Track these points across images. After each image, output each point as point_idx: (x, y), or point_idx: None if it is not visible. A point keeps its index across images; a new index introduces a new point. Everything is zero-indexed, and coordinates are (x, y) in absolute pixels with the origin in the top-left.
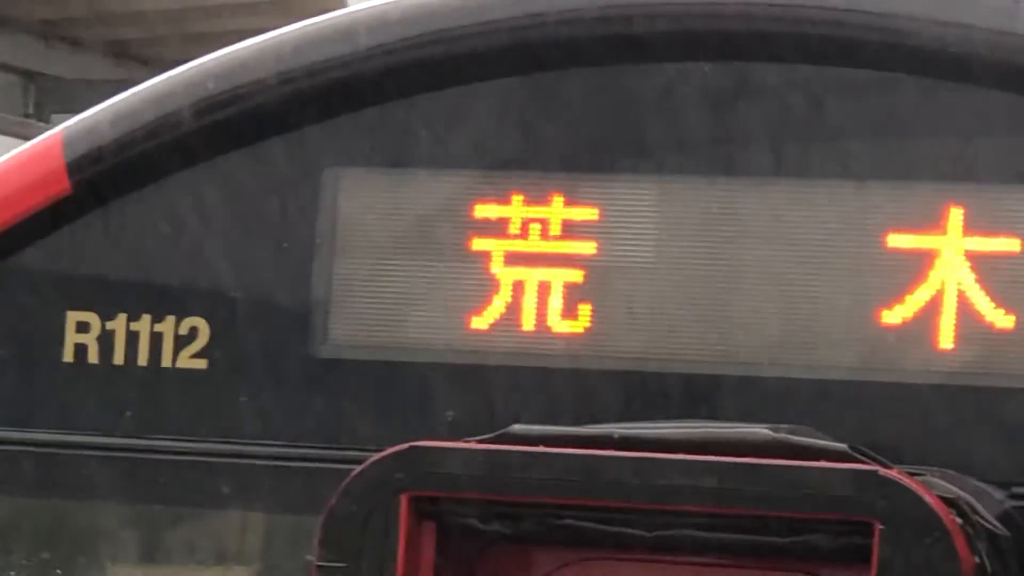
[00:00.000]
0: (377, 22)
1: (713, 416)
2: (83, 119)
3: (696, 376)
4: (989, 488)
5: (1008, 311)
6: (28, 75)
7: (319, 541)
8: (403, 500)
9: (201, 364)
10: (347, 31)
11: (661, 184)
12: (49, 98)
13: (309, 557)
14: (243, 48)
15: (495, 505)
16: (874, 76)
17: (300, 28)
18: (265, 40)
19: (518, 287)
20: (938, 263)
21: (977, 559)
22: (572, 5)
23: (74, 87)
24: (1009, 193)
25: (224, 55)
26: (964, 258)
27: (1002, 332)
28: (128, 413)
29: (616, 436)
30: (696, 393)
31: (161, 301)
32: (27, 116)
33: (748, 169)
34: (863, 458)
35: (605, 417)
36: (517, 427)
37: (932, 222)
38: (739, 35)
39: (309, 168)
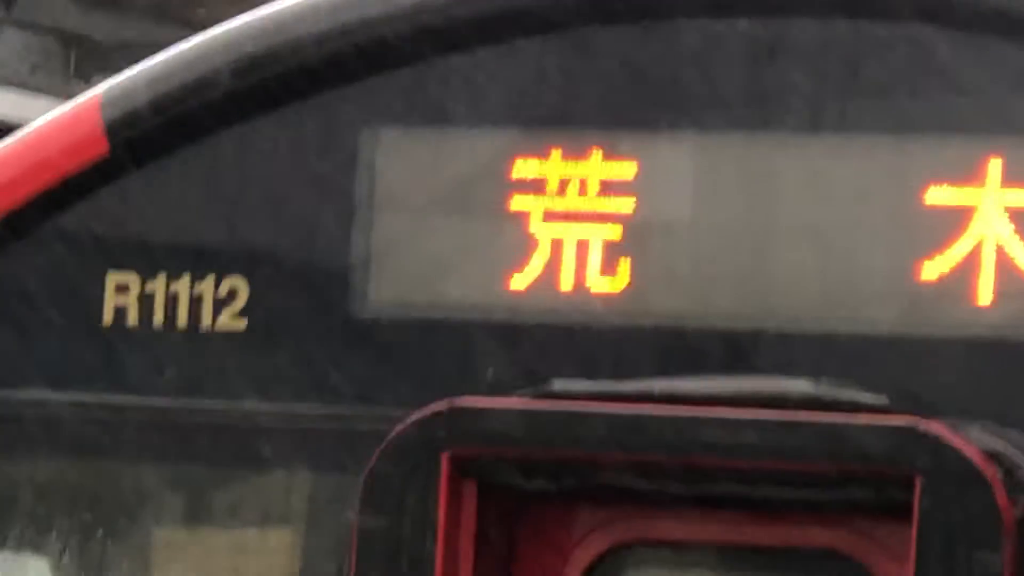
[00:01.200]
0: None
1: (753, 372)
2: (121, 81)
3: (736, 332)
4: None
5: None
6: (69, 39)
7: (360, 500)
8: (444, 459)
9: (241, 325)
10: None
11: (699, 140)
12: (90, 62)
13: (351, 516)
14: (281, 9)
15: (536, 463)
16: (911, 31)
17: None
18: (303, 1)
19: (557, 245)
20: (976, 217)
21: (1019, 512)
22: None
23: (115, 50)
24: None
25: (262, 16)
26: (1003, 212)
27: None
28: (168, 374)
29: (656, 392)
30: (736, 349)
31: (201, 261)
32: (70, 80)
33: (786, 125)
34: (904, 412)
35: (644, 373)
36: (557, 384)
37: (971, 176)
38: None
39: (348, 128)
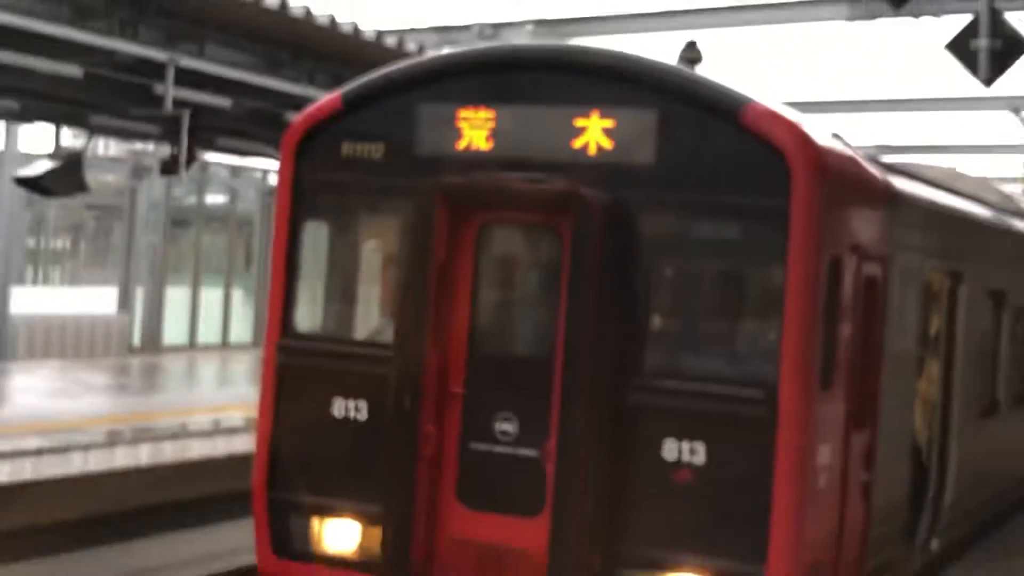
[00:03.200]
0: None
1: (528, 170)
2: (353, 82)
3: (524, 158)
4: (600, 192)
5: (611, 141)
6: None
7: (415, 210)
8: (437, 196)
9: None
10: None
11: (511, 105)
12: None
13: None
14: (409, 63)
15: (465, 192)
16: (567, 76)
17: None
18: (416, 60)
19: (470, 135)
20: (589, 129)
21: (575, 221)
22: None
23: None
24: (613, 107)
25: (391, 67)
26: (600, 128)
27: (608, 149)
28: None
29: (500, 175)
30: (523, 163)
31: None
32: None
33: (536, 102)
34: (571, 186)
35: (496, 169)
36: (475, 174)
37: (588, 114)
38: (534, 61)
39: (422, 102)
